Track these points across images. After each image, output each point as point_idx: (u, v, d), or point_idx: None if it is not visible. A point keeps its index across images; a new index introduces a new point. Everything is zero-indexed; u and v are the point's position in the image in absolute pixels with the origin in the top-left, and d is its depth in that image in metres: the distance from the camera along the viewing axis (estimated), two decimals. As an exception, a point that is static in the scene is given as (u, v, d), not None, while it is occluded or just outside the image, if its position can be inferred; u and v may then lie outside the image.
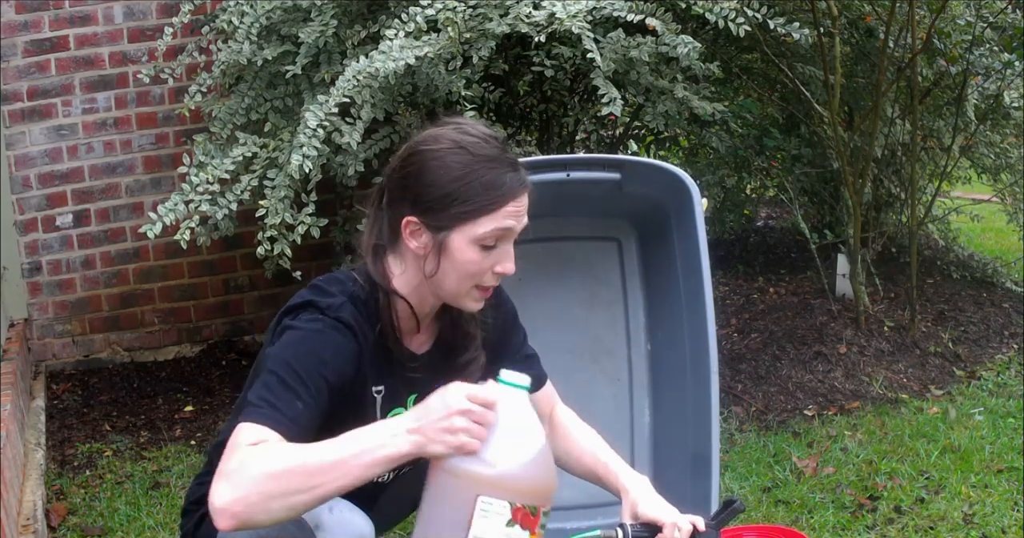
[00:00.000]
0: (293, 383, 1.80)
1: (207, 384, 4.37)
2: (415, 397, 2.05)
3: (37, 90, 4.36)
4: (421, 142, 1.94)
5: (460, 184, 1.86)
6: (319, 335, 1.86)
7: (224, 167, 3.48)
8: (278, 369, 1.81)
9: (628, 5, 3.25)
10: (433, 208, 1.88)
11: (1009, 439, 3.55)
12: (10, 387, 3.43)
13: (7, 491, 2.77)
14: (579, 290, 3.07)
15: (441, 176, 1.87)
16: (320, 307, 1.87)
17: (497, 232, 1.88)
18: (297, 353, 1.83)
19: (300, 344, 1.85)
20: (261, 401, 1.77)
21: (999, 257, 5.51)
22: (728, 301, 4.84)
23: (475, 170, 1.87)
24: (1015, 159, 4.99)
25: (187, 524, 2.09)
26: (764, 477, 3.37)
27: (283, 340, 1.86)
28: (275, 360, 1.83)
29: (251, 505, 1.65)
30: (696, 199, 2.68)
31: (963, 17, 4.34)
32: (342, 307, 1.88)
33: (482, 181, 1.86)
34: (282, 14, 3.60)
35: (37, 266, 4.46)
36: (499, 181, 1.87)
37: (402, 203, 1.92)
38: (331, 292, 1.91)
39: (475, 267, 1.90)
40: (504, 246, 1.91)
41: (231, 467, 1.68)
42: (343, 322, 1.87)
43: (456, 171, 1.87)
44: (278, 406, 1.77)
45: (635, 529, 1.97)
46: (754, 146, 4.70)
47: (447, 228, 1.88)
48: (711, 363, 2.62)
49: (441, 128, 1.95)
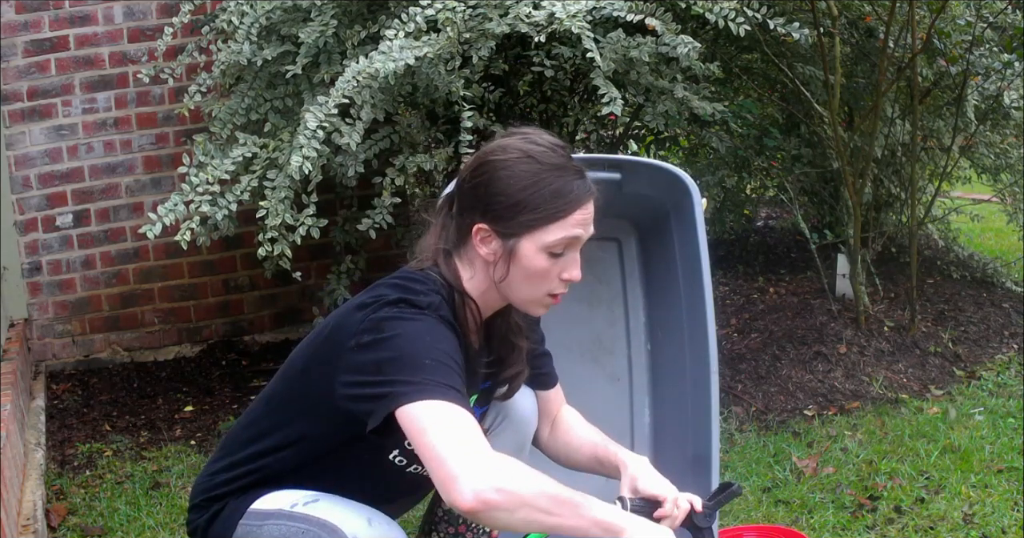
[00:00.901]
0: (448, 362, 1.80)
1: (207, 384, 4.37)
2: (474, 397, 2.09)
3: (37, 90, 4.36)
4: (490, 152, 1.98)
5: (529, 193, 1.91)
6: (440, 329, 1.86)
7: (224, 167, 3.48)
8: (421, 354, 1.79)
9: (628, 5, 3.25)
10: (503, 216, 1.93)
11: (1009, 439, 3.55)
12: (10, 387, 3.43)
13: (7, 491, 2.77)
14: (579, 290, 3.05)
15: (511, 185, 1.92)
16: (419, 305, 1.87)
17: (565, 240, 1.94)
18: (434, 340, 1.83)
19: (430, 333, 1.84)
20: (427, 381, 1.75)
21: (999, 257, 5.51)
22: (728, 301, 4.84)
23: (543, 178, 1.92)
24: (1015, 159, 4.99)
25: (197, 519, 2.05)
26: (764, 477, 3.37)
27: (401, 333, 1.82)
28: (412, 347, 1.80)
29: (506, 499, 1.65)
30: (696, 199, 2.67)
31: (963, 17, 4.34)
32: (442, 306, 1.91)
33: (550, 189, 1.91)
34: (282, 14, 3.60)
35: (37, 266, 4.46)
36: (566, 189, 1.92)
37: (473, 211, 1.96)
38: (420, 291, 1.92)
39: (543, 274, 1.95)
40: (571, 253, 1.97)
41: (482, 456, 1.67)
42: (448, 321, 1.90)
43: (525, 180, 1.92)
44: (452, 385, 1.76)
45: (634, 503, 1.99)
46: (754, 146, 4.69)
47: (516, 235, 1.93)
48: (711, 363, 2.62)
49: (509, 138, 2.00)
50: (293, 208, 3.41)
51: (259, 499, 1.96)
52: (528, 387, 2.24)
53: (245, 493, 1.99)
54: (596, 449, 2.18)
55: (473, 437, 1.71)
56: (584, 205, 1.94)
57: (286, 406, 2.01)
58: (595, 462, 2.18)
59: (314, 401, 1.92)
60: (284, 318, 4.78)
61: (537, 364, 2.25)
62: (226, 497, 2.01)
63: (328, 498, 1.93)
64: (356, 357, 1.83)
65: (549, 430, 2.30)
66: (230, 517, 1.98)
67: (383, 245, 4.49)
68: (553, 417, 2.31)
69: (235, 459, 2.04)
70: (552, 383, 2.30)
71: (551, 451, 2.30)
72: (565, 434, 2.28)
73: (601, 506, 1.76)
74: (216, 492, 2.03)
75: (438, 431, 1.70)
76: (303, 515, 1.90)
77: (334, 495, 1.94)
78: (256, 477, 2.00)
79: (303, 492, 1.95)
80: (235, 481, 2.01)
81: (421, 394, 1.74)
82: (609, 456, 2.14)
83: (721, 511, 2.56)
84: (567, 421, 2.30)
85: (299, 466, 1.98)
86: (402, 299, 1.88)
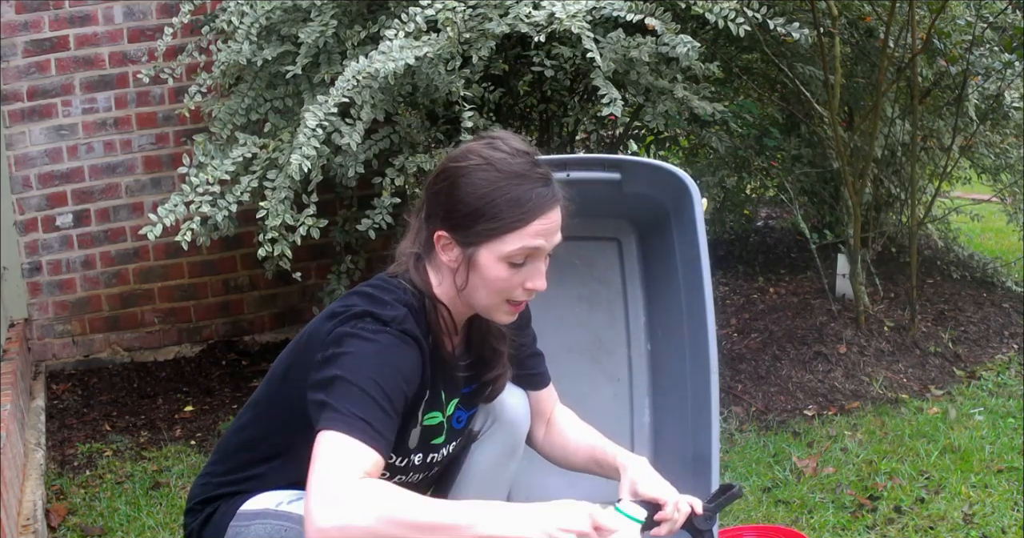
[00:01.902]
0: (378, 397, 1.79)
1: (207, 384, 4.37)
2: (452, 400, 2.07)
3: (37, 90, 4.36)
4: (452, 158, 1.96)
5: (485, 201, 1.88)
6: (396, 349, 1.85)
7: (224, 168, 3.48)
8: (363, 384, 1.79)
9: (628, 5, 3.25)
10: (461, 224, 1.90)
11: (1009, 439, 3.55)
12: (10, 387, 3.43)
13: (7, 491, 2.77)
14: (579, 290, 3.07)
15: (468, 193, 1.89)
16: (383, 319, 1.86)
17: (524, 250, 1.90)
18: (379, 368, 1.82)
19: (379, 357, 1.83)
20: (349, 412, 1.75)
21: (999, 257, 5.51)
22: (728, 301, 4.84)
23: (500, 187, 1.88)
24: (1015, 159, 4.99)
25: (192, 523, 2.08)
26: (764, 477, 3.37)
27: (357, 352, 1.83)
28: (356, 373, 1.80)
29: (347, 536, 1.65)
30: (696, 199, 2.67)
31: (963, 17, 4.34)
32: (405, 319, 1.89)
33: (507, 198, 1.87)
34: (282, 14, 3.60)
35: (37, 266, 4.46)
36: (524, 198, 1.88)
37: (435, 218, 1.95)
38: (388, 302, 1.91)
39: (503, 283, 1.91)
40: (534, 263, 1.93)
41: (338, 490, 1.66)
42: (410, 335, 1.88)
43: (483, 188, 1.88)
44: (369, 421, 1.76)
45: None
46: (754, 146, 4.69)
47: (475, 244, 1.90)
48: (711, 363, 2.62)
49: (475, 143, 1.98)
50: (293, 208, 3.41)
51: (248, 500, 1.98)
52: (520, 388, 2.23)
53: (236, 497, 2.00)
54: (593, 451, 2.16)
55: (347, 475, 1.69)
56: (544, 214, 1.89)
57: (271, 412, 2.02)
58: (593, 464, 2.17)
59: (295, 408, 1.92)
60: (284, 318, 4.78)
61: (529, 364, 2.24)
62: (218, 501, 2.03)
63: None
64: (318, 373, 1.85)
65: (544, 431, 2.28)
66: (221, 520, 2.00)
67: (383, 245, 4.47)
68: (547, 417, 2.29)
69: (227, 466, 2.06)
70: (544, 383, 2.28)
71: (547, 452, 2.29)
72: (560, 435, 2.26)
73: (495, 522, 1.70)
74: (208, 495, 2.05)
75: (322, 463, 1.71)
76: (286, 513, 1.91)
77: None
78: (248, 485, 2.01)
79: (289, 491, 1.96)
80: (227, 486, 2.04)
81: (334, 423, 1.74)
82: (607, 458, 2.12)
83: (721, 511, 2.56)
84: (561, 422, 2.28)
85: (289, 475, 1.98)
86: (367, 313, 1.87)
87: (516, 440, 2.23)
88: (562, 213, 1.94)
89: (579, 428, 2.26)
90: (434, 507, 1.74)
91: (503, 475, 2.26)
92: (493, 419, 2.20)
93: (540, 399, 2.27)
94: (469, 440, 2.22)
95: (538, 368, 2.27)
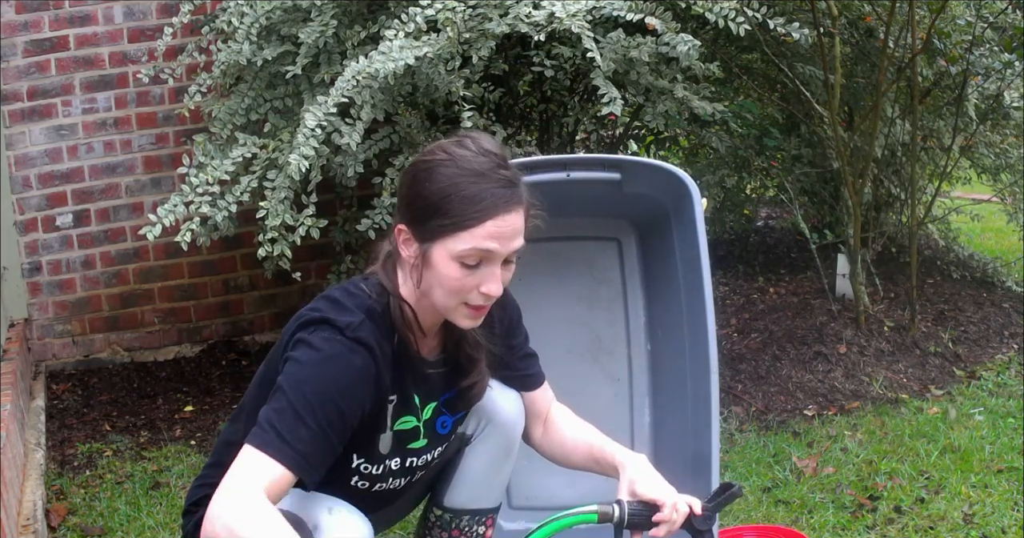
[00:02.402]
0: (305, 413, 1.79)
1: (207, 384, 4.37)
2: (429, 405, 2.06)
3: (37, 90, 4.36)
4: (421, 153, 1.96)
5: (441, 197, 1.85)
6: (338, 360, 1.84)
7: (224, 168, 3.48)
8: (293, 396, 1.81)
9: (628, 4, 3.25)
10: (418, 218, 1.88)
11: (1009, 439, 3.55)
12: (10, 387, 3.43)
13: (7, 491, 2.77)
14: (579, 290, 3.07)
15: (427, 188, 1.87)
16: (338, 326, 1.86)
17: (476, 252, 1.85)
18: (314, 381, 1.82)
19: (318, 368, 1.83)
20: (270, 428, 1.78)
21: (999, 257, 5.51)
22: (728, 301, 4.84)
23: (458, 183, 1.85)
24: (1015, 159, 4.99)
25: (188, 525, 2.10)
26: (764, 477, 3.37)
27: (300, 361, 1.84)
28: (292, 385, 1.82)
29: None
30: (696, 199, 2.67)
31: (963, 17, 4.34)
32: (361, 326, 1.87)
33: (462, 195, 1.84)
34: (282, 14, 3.60)
35: (37, 266, 4.46)
36: (480, 197, 1.84)
37: (399, 212, 1.94)
38: (349, 308, 1.90)
39: (456, 283, 1.88)
40: (490, 266, 1.88)
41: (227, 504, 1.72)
42: (362, 343, 1.86)
43: (441, 183, 1.86)
44: (287, 438, 1.78)
45: (632, 506, 1.98)
46: (754, 146, 4.70)
47: (429, 240, 1.87)
48: (711, 363, 2.62)
49: (446, 140, 1.95)
50: (293, 208, 3.41)
51: None
52: (513, 389, 2.22)
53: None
54: (592, 449, 2.15)
55: (243, 489, 1.74)
56: (499, 216, 1.84)
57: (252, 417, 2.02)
58: (591, 462, 2.15)
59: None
60: (284, 318, 4.74)
61: (521, 366, 2.22)
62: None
63: (296, 493, 1.93)
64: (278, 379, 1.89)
65: (542, 430, 2.27)
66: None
67: (383, 245, 4.48)
68: (544, 416, 2.27)
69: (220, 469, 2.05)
70: (538, 383, 2.26)
71: (546, 451, 2.28)
72: (558, 434, 2.24)
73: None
74: (203, 495, 2.05)
75: (229, 474, 1.77)
76: None
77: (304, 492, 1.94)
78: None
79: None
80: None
81: (254, 437, 1.80)
82: (605, 456, 2.10)
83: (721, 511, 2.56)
84: (559, 420, 2.26)
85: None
86: (324, 319, 1.87)
87: (510, 442, 2.22)
88: (526, 219, 1.89)
89: (577, 426, 2.24)
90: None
91: (498, 476, 2.26)
92: (487, 421, 2.19)
93: (535, 399, 2.25)
94: (462, 443, 2.22)
95: (530, 369, 2.24)
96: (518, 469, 2.47)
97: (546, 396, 2.28)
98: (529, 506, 2.93)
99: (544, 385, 2.27)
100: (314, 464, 1.81)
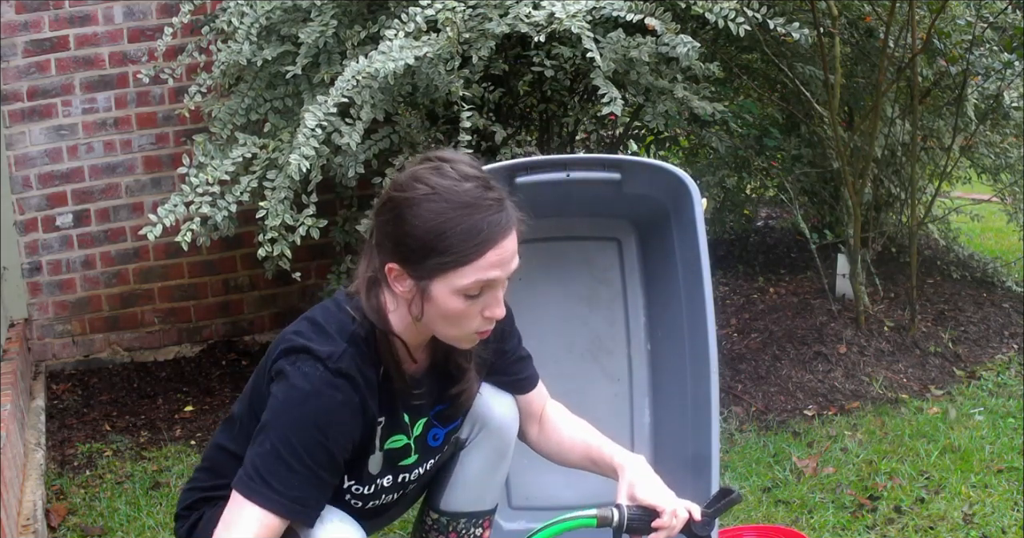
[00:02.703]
0: (291, 457, 1.80)
1: (207, 384, 4.37)
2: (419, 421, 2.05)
3: (37, 90, 4.36)
4: (398, 186, 1.85)
5: (435, 235, 1.79)
6: (319, 398, 1.82)
7: (224, 168, 3.48)
8: (277, 439, 1.81)
9: (627, 5, 3.25)
10: (411, 258, 1.82)
11: (1009, 439, 3.55)
12: (10, 387, 3.43)
13: (7, 491, 2.77)
14: (579, 290, 3.07)
15: (416, 227, 1.80)
16: (320, 357, 1.83)
17: (479, 283, 1.82)
18: (297, 422, 1.82)
19: (300, 409, 1.82)
20: (256, 475, 1.81)
21: (999, 257, 5.51)
22: (728, 301, 4.84)
23: (451, 219, 1.78)
24: (1015, 159, 4.99)
25: (180, 529, 2.10)
26: (764, 477, 3.37)
27: (282, 400, 1.83)
28: (275, 427, 1.82)
29: None
30: (696, 199, 2.67)
31: (963, 17, 4.34)
32: (343, 357, 1.85)
33: (458, 231, 1.78)
34: (282, 14, 3.60)
35: (37, 266, 4.46)
36: (477, 228, 1.78)
37: (384, 249, 1.87)
38: (331, 335, 1.87)
39: (460, 314, 1.85)
40: (491, 292, 1.85)
41: None
42: (343, 374, 1.84)
43: (431, 221, 1.79)
44: (274, 485, 1.80)
45: (631, 511, 1.97)
46: (754, 146, 4.70)
47: (427, 278, 1.82)
48: (711, 363, 2.62)
49: (420, 167, 1.86)
50: (293, 208, 3.41)
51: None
52: (507, 392, 2.21)
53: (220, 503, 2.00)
54: (589, 450, 2.13)
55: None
56: (499, 244, 1.80)
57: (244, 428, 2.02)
58: (589, 462, 2.14)
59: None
60: (284, 318, 4.78)
61: (514, 370, 2.20)
62: (203, 506, 2.05)
63: None
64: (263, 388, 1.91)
65: (537, 429, 2.25)
66: (205, 527, 1.99)
67: (383, 245, 4.48)
68: (538, 415, 2.25)
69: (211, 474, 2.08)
70: (532, 385, 2.23)
71: (543, 450, 2.26)
72: (555, 433, 2.22)
73: None
74: (195, 499, 2.07)
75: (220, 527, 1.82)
76: None
77: None
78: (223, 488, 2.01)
79: None
80: (211, 490, 2.05)
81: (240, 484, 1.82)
82: (604, 457, 2.08)
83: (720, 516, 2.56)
84: (554, 419, 2.24)
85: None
86: (305, 348, 1.85)
87: (505, 445, 2.21)
88: (518, 234, 1.85)
89: (573, 424, 2.22)
90: None
91: (494, 479, 2.26)
92: (481, 426, 2.18)
93: (530, 400, 2.23)
94: (457, 448, 2.21)
95: (524, 372, 2.22)
96: (518, 469, 2.48)
97: (540, 396, 2.26)
98: (528, 506, 2.93)
99: (538, 385, 2.25)
100: (309, 505, 1.84)
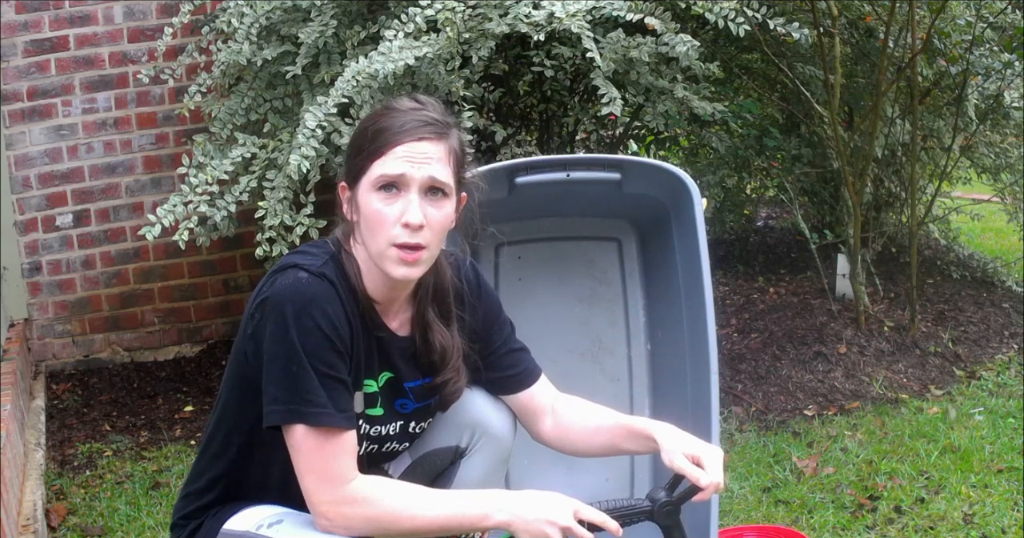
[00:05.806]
0: (308, 365, 1.83)
1: (207, 384, 4.37)
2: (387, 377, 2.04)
3: (37, 90, 4.36)
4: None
5: (357, 133, 1.95)
6: (309, 288, 1.85)
7: (223, 168, 3.49)
8: (295, 359, 1.82)
9: (627, 5, 3.25)
10: (346, 167, 1.96)
11: (1009, 439, 3.55)
12: (10, 387, 3.43)
13: (7, 491, 2.77)
14: (579, 290, 3.07)
15: (354, 133, 1.99)
16: (302, 265, 1.90)
17: (388, 177, 1.87)
18: (297, 328, 1.83)
19: (293, 311, 1.83)
20: (300, 398, 1.82)
21: (999, 257, 5.51)
22: (728, 301, 4.84)
23: (374, 121, 1.92)
24: (1015, 159, 4.99)
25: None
26: (764, 477, 3.37)
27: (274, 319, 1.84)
28: (281, 348, 1.83)
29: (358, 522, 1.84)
30: (696, 199, 2.67)
31: (963, 17, 4.34)
32: (324, 265, 1.91)
33: (374, 128, 1.90)
34: (282, 14, 3.60)
35: (37, 266, 4.46)
36: (389, 124, 1.89)
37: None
38: (312, 253, 1.95)
39: (379, 217, 1.88)
40: (406, 194, 1.88)
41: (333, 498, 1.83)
42: (327, 278, 1.89)
43: (362, 125, 1.96)
44: (315, 399, 1.82)
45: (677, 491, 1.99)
46: (754, 146, 4.70)
47: (356, 183, 1.92)
48: (711, 363, 2.62)
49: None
50: (292, 208, 3.41)
51: (230, 519, 1.97)
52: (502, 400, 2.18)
53: (217, 511, 2.00)
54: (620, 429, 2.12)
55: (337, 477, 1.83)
56: (408, 142, 1.87)
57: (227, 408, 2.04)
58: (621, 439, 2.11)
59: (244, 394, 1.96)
60: (284, 318, 4.78)
61: (507, 363, 2.16)
62: (201, 515, 2.03)
63: (291, 518, 1.93)
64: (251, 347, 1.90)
65: (551, 423, 2.18)
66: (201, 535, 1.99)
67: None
68: (548, 410, 2.19)
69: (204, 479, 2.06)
70: (532, 380, 2.18)
71: (560, 443, 2.19)
72: (574, 422, 2.17)
73: (471, 507, 1.87)
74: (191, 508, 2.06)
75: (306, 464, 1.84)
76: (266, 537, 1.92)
77: (298, 513, 1.93)
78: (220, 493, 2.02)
79: (269, 511, 1.96)
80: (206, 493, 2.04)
81: (292, 415, 1.83)
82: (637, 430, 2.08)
83: (721, 511, 2.56)
84: (571, 409, 2.19)
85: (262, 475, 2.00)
86: (291, 264, 1.90)
87: (503, 453, 2.20)
88: (450, 159, 1.91)
89: (594, 411, 2.18)
90: (425, 502, 1.85)
91: (493, 485, 2.25)
92: (480, 434, 2.16)
93: (533, 395, 2.18)
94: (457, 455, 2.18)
95: (519, 366, 2.18)
96: (518, 469, 2.48)
97: (545, 390, 2.20)
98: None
99: (541, 379, 2.20)
100: (351, 411, 1.87)
